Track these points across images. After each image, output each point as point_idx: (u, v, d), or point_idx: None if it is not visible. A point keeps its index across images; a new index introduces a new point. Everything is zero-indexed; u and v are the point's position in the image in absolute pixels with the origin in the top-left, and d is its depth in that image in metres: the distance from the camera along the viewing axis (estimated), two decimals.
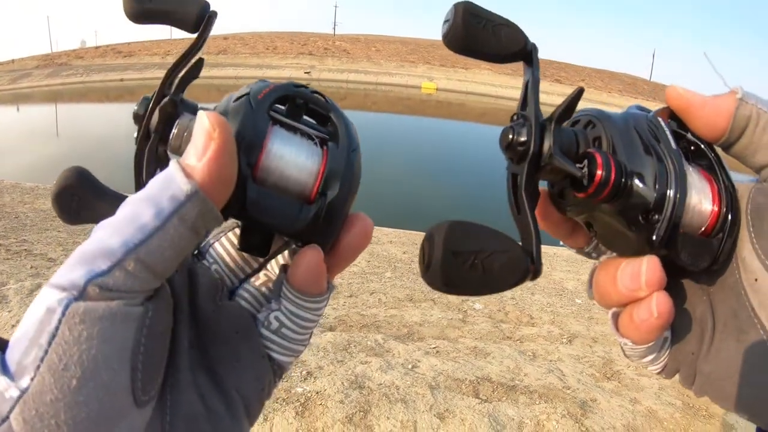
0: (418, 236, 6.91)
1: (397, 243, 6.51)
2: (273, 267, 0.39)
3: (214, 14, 0.37)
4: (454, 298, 4.70)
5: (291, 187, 0.34)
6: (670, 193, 0.35)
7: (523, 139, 0.35)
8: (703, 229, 0.37)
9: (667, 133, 0.37)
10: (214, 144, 0.27)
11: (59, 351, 0.23)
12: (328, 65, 51.39)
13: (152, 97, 0.34)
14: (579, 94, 0.36)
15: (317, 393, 2.62)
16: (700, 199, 0.36)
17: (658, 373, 0.41)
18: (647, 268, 0.35)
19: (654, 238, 0.35)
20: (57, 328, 0.23)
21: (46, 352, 0.23)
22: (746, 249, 0.36)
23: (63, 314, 0.23)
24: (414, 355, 3.26)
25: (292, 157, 0.34)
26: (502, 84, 47.31)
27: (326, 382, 2.72)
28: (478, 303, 4.64)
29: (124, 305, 0.25)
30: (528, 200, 0.34)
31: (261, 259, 0.38)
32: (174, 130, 0.34)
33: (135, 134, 0.34)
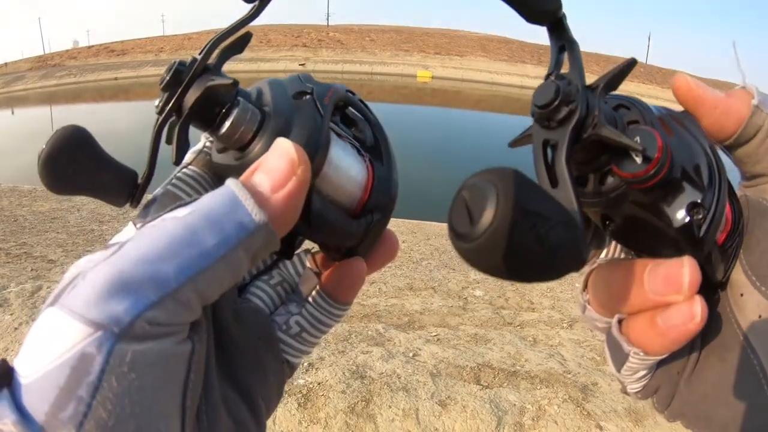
0: (416, 225, 6.92)
1: (396, 232, 6.50)
2: (286, 266, 0.38)
3: None
4: (454, 285, 4.71)
5: (342, 199, 0.33)
6: (717, 187, 0.31)
7: (571, 98, 0.29)
8: (719, 236, 0.33)
9: (701, 128, 0.33)
10: (295, 180, 0.25)
11: (107, 405, 0.20)
12: (323, 56, 51.14)
13: (189, 65, 0.30)
14: (631, 64, 0.31)
15: (319, 384, 2.64)
16: None
17: (635, 393, 0.39)
18: (690, 270, 0.30)
19: (701, 235, 0.30)
20: (100, 379, 0.20)
21: (90, 406, 0.20)
22: None
23: (106, 362, 0.20)
24: (415, 343, 3.27)
25: (347, 169, 0.33)
26: (497, 71, 47.10)
27: (328, 372, 2.73)
28: (478, 290, 4.65)
29: (175, 344, 0.22)
30: (569, 171, 0.28)
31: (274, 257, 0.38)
32: (228, 122, 0.30)
33: (157, 102, 0.30)
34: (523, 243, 0.21)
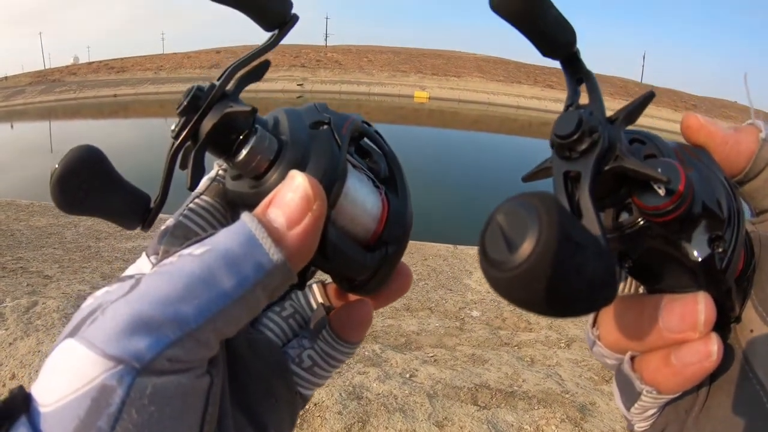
0: (413, 245, 6.91)
1: None
2: (298, 297, 0.38)
3: (295, 17, 0.33)
4: (451, 306, 4.71)
5: (357, 231, 0.33)
6: (736, 220, 0.30)
7: (595, 129, 0.28)
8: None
9: (716, 162, 0.33)
10: (311, 216, 0.25)
11: None
12: (321, 77, 51.55)
13: (207, 91, 0.29)
14: (649, 97, 0.31)
15: (315, 405, 2.62)
16: None
17: (641, 431, 0.38)
18: (706, 305, 0.30)
19: (722, 267, 0.29)
20: (121, 410, 0.20)
21: None
22: None
23: (127, 394, 0.20)
24: (412, 364, 3.25)
25: (363, 201, 0.32)
26: (493, 91, 47.51)
27: (324, 393, 2.71)
28: (475, 310, 4.64)
29: (195, 378, 0.23)
30: (594, 203, 0.26)
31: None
32: (245, 150, 0.29)
33: (173, 127, 0.30)
34: (564, 274, 0.19)
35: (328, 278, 0.38)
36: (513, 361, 3.48)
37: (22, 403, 0.21)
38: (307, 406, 2.59)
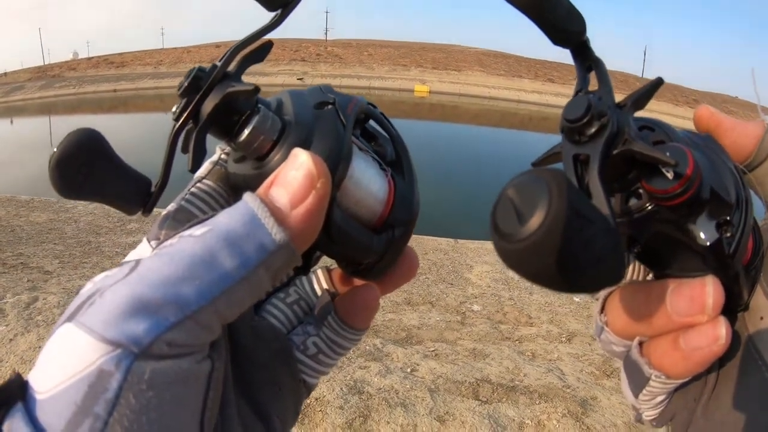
0: (413, 239, 6.91)
1: None
2: (303, 283, 0.37)
3: None
4: (452, 300, 4.70)
5: (363, 213, 0.32)
6: (744, 205, 0.31)
7: (603, 113, 0.28)
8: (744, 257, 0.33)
9: (724, 150, 0.34)
10: (315, 195, 0.24)
11: (124, 422, 0.20)
12: (321, 71, 51.47)
13: (208, 72, 0.29)
14: (658, 83, 0.31)
15: (316, 399, 2.62)
16: None
17: (651, 420, 0.38)
18: (714, 289, 0.30)
19: (730, 252, 0.29)
20: (118, 396, 0.19)
21: (106, 423, 0.19)
22: None
23: (124, 379, 0.20)
24: (413, 358, 3.26)
25: (369, 183, 0.32)
26: (494, 85, 47.44)
27: (325, 388, 2.71)
28: (476, 304, 4.64)
29: (195, 363, 0.22)
30: (603, 185, 0.27)
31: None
32: (247, 130, 0.29)
33: (174, 108, 0.29)
34: (572, 247, 0.20)
35: (333, 264, 0.37)
36: (514, 355, 3.48)
37: (18, 390, 0.21)
38: (308, 401, 2.59)
